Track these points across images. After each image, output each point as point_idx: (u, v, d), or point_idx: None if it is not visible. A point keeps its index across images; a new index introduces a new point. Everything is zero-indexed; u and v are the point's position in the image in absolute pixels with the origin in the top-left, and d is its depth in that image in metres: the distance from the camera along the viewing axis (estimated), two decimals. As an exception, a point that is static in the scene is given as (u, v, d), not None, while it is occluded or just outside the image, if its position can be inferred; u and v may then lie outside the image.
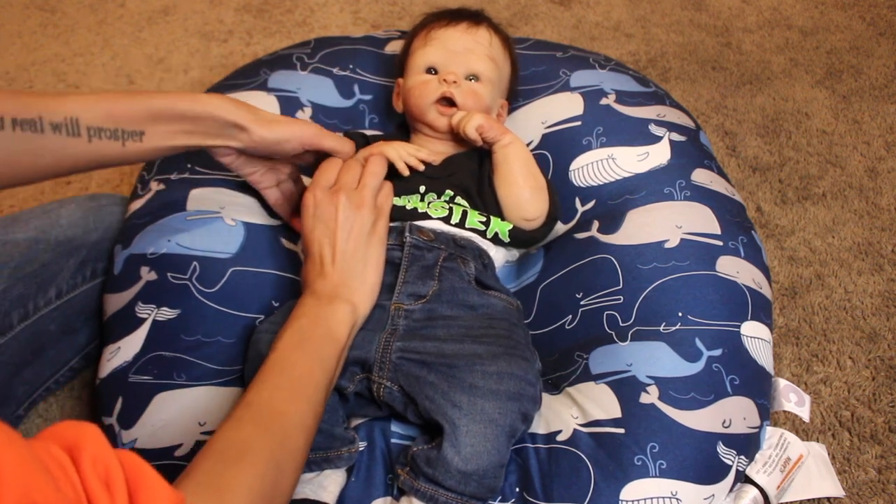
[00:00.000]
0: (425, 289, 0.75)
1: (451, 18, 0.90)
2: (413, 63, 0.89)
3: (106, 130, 0.68)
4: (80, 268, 0.85)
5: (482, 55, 0.87)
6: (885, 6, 1.55)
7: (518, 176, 0.82)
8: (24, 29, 1.50)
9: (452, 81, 0.84)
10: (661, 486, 0.66)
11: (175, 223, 0.83)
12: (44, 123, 0.64)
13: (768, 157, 1.22)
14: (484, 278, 0.79)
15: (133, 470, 0.40)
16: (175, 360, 0.75)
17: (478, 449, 0.64)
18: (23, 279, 0.80)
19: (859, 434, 0.86)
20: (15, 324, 0.79)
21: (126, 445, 0.72)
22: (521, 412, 0.67)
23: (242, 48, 1.45)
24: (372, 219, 0.73)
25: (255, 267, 0.82)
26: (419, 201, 0.82)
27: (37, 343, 0.82)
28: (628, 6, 1.55)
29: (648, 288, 0.78)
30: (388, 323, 0.73)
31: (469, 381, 0.66)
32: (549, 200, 0.84)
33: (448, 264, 0.77)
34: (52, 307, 0.83)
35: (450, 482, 0.64)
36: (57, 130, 0.65)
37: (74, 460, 0.38)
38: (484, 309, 0.75)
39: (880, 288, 1.02)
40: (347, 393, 0.71)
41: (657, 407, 0.70)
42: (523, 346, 0.72)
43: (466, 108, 0.84)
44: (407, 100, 0.88)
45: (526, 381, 0.67)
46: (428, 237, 0.78)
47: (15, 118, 0.63)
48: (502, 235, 0.82)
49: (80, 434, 0.40)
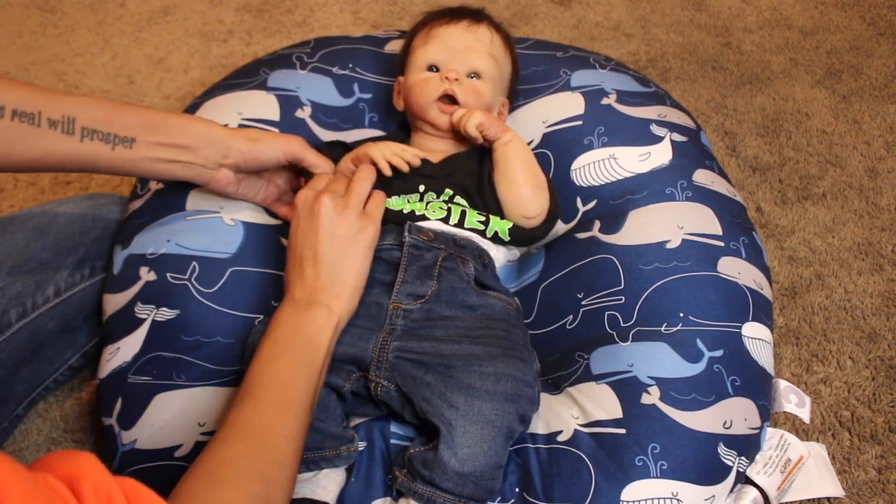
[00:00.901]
0: (424, 289, 0.75)
1: (453, 16, 0.90)
2: (414, 61, 0.88)
3: (99, 133, 0.70)
4: (79, 266, 0.85)
5: (483, 53, 0.87)
6: (885, 6, 1.55)
7: (518, 174, 0.82)
8: (24, 29, 1.50)
9: (454, 79, 0.84)
10: (661, 487, 0.66)
11: (174, 223, 0.83)
12: (42, 118, 0.67)
13: (768, 157, 1.22)
14: (483, 278, 0.78)
15: (134, 495, 0.40)
16: (174, 360, 0.75)
17: (474, 450, 0.64)
18: (21, 277, 0.80)
19: (859, 434, 0.86)
20: (13, 322, 0.79)
21: (126, 446, 0.72)
22: (518, 413, 0.66)
23: (242, 48, 1.45)
24: (359, 225, 0.72)
25: (254, 267, 0.82)
26: (418, 201, 0.81)
27: (35, 341, 0.82)
28: (628, 6, 1.55)
29: (650, 288, 0.78)
30: (385, 322, 0.73)
31: (466, 382, 0.66)
32: (549, 198, 0.84)
33: (447, 264, 0.77)
34: (51, 305, 0.83)
35: (447, 484, 0.64)
36: (53, 126, 0.68)
37: (75, 492, 0.38)
38: (483, 309, 0.75)
39: (880, 288, 1.02)
40: (344, 392, 0.71)
41: (658, 408, 0.70)
42: (521, 346, 0.72)
43: (468, 106, 0.84)
44: (408, 97, 0.88)
45: (523, 382, 0.67)
46: (427, 237, 0.78)
47: (15, 109, 0.66)
48: (502, 234, 0.82)
49: (77, 464, 0.39)
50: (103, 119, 0.70)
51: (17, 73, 1.39)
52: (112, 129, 0.71)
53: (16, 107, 0.66)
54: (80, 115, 0.69)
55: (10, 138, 0.67)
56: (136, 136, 0.72)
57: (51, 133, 0.68)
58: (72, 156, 0.70)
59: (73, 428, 0.87)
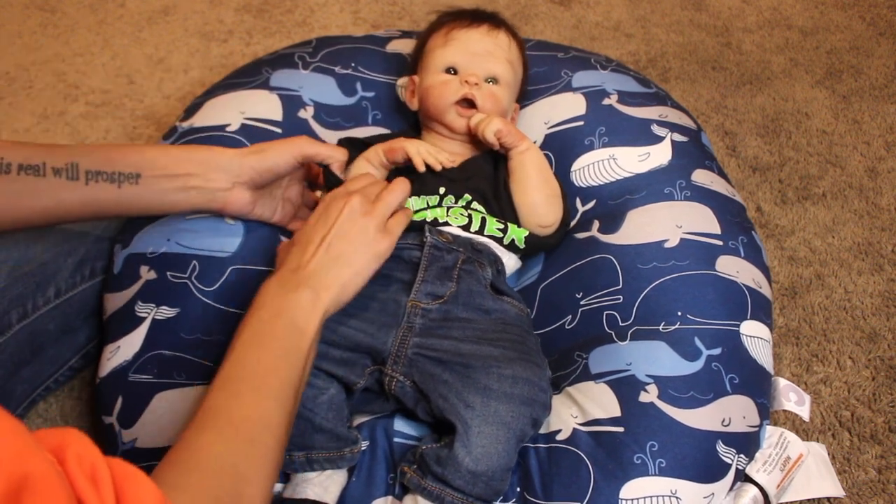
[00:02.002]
0: (443, 290, 0.75)
1: (473, 20, 0.89)
2: (431, 62, 0.88)
3: (103, 173, 0.71)
4: (79, 267, 0.85)
5: (502, 58, 0.87)
6: (885, 6, 1.55)
7: (535, 183, 0.82)
8: (24, 29, 1.50)
9: (474, 83, 0.84)
10: (660, 485, 0.66)
11: (175, 222, 0.83)
12: (46, 168, 0.69)
13: (768, 157, 1.22)
14: (498, 284, 0.79)
15: (118, 468, 0.40)
16: (175, 358, 0.75)
17: (489, 450, 0.64)
18: (21, 278, 0.80)
19: (859, 434, 0.86)
20: (14, 323, 0.79)
21: (126, 444, 0.73)
22: (532, 417, 0.67)
23: (242, 48, 1.45)
24: (376, 234, 0.69)
25: (254, 265, 0.82)
26: (437, 206, 0.81)
27: (36, 342, 0.82)
28: (628, 6, 1.55)
29: (648, 287, 0.78)
30: (403, 320, 0.73)
31: (484, 383, 0.66)
32: (563, 207, 0.84)
33: (466, 267, 0.77)
34: (51, 306, 0.83)
35: (458, 482, 0.64)
36: (58, 174, 0.69)
37: (60, 460, 0.38)
38: (498, 314, 0.75)
39: (880, 288, 1.02)
40: (356, 388, 0.71)
41: (656, 406, 0.70)
42: (535, 352, 0.73)
43: (486, 111, 0.84)
44: (425, 98, 0.87)
45: (539, 387, 0.68)
46: (447, 239, 0.78)
47: (21, 164, 0.68)
48: (518, 242, 0.82)
49: (63, 435, 0.39)
50: (105, 160, 0.71)
51: (17, 72, 1.39)
52: (115, 167, 0.71)
53: (21, 161, 0.68)
54: (83, 160, 0.70)
55: (18, 192, 0.68)
56: (140, 170, 0.72)
57: (56, 181, 0.69)
58: (79, 201, 0.71)
59: (73, 428, 0.87)
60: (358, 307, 0.71)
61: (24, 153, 0.68)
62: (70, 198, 0.70)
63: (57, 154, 0.69)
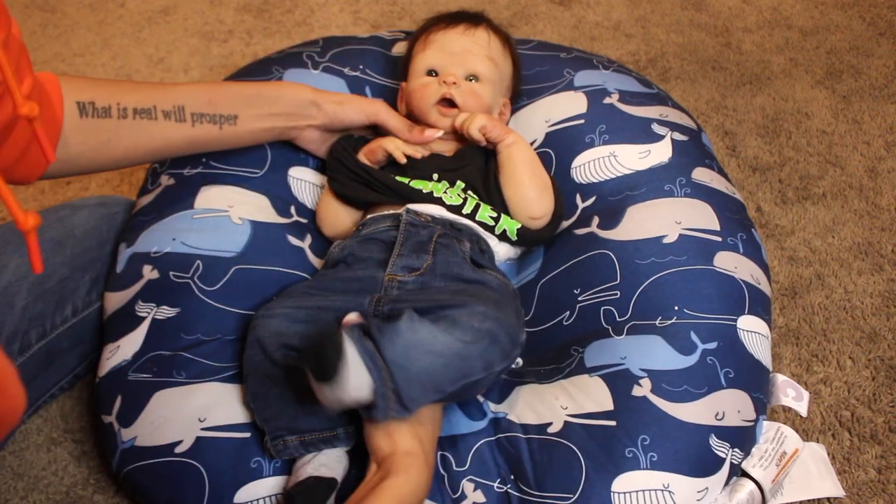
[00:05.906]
0: (419, 262, 0.76)
1: (450, 21, 0.91)
2: (414, 67, 0.90)
3: (206, 115, 0.78)
4: (95, 284, 0.86)
5: (481, 55, 0.88)
6: (885, 6, 1.55)
7: (523, 175, 0.84)
8: (24, 29, 1.50)
9: (452, 83, 0.85)
10: (652, 479, 0.67)
11: (180, 222, 0.83)
12: (157, 111, 0.75)
13: (768, 157, 1.22)
14: (479, 259, 0.79)
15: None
16: (175, 358, 0.76)
17: (425, 354, 0.62)
18: (42, 296, 0.81)
19: (859, 434, 0.86)
20: (33, 343, 0.80)
21: (126, 443, 0.73)
22: (484, 358, 0.65)
23: (242, 48, 1.45)
24: None
25: (259, 264, 0.82)
26: (436, 183, 0.83)
27: (49, 359, 0.83)
28: (628, 6, 1.55)
29: (645, 282, 0.78)
30: (380, 291, 0.74)
31: (454, 316, 0.64)
32: (554, 199, 0.85)
33: (443, 241, 0.78)
34: (68, 325, 0.84)
35: (388, 354, 0.61)
36: (167, 117, 0.75)
37: None
38: (478, 283, 0.75)
39: (880, 288, 1.02)
40: None
41: (649, 399, 0.70)
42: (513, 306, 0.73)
43: (467, 109, 0.85)
44: (409, 103, 0.90)
45: (507, 332, 0.66)
46: (425, 219, 0.79)
47: (136, 108, 0.74)
48: (510, 234, 0.83)
49: None
50: (208, 102, 0.78)
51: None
52: (217, 109, 0.78)
53: (136, 105, 0.73)
54: (188, 102, 0.76)
55: (135, 136, 0.74)
56: (238, 112, 0.80)
57: (166, 123, 0.75)
58: (185, 141, 0.78)
59: (73, 428, 0.87)
60: (339, 289, 0.75)
61: (136, 96, 0.74)
62: (177, 137, 0.77)
63: (165, 96, 0.75)
